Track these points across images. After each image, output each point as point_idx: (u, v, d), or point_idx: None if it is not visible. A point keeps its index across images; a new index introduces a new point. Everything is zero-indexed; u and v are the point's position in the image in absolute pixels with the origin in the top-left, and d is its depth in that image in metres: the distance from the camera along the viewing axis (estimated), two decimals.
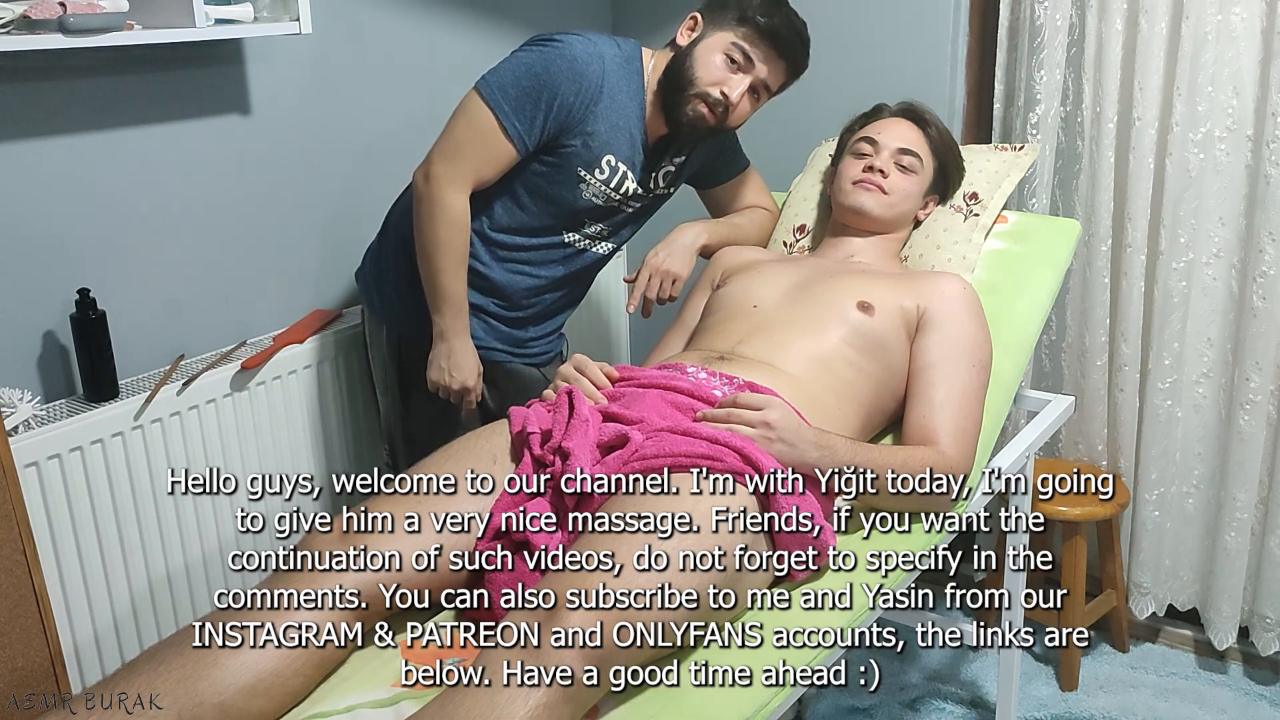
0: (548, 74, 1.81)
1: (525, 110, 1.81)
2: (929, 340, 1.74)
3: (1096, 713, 2.33)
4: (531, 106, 1.81)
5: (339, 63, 2.28)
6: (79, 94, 1.89)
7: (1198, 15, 2.14)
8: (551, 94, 1.81)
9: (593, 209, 1.96)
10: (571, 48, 1.83)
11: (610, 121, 1.87)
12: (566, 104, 1.82)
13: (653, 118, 1.92)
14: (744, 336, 1.73)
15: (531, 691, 1.09)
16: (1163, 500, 2.42)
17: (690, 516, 1.30)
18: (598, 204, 1.95)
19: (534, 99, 1.81)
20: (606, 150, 1.89)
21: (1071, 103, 2.35)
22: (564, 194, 1.92)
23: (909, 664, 2.51)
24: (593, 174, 1.90)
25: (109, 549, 1.92)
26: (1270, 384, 2.26)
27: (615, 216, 2.01)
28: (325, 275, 2.37)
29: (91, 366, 1.90)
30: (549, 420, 1.51)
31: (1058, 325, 2.48)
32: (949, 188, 2.02)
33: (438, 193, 1.84)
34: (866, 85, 2.31)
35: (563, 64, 1.81)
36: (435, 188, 1.85)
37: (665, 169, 2.01)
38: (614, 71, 1.86)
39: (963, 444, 1.63)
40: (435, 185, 1.85)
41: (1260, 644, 2.38)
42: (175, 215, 2.06)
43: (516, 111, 1.81)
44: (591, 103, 1.84)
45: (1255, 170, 2.20)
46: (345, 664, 1.30)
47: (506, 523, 1.38)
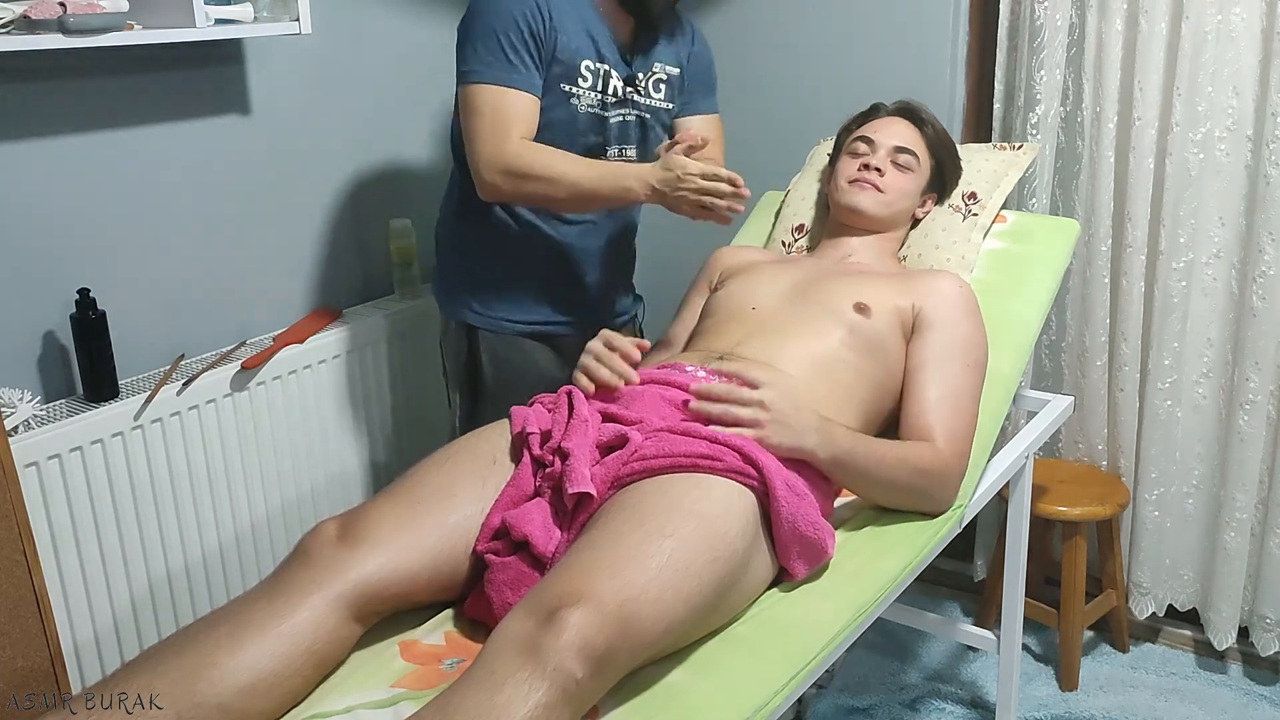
0: (496, 16, 1.80)
1: (506, 60, 1.80)
2: (924, 339, 1.74)
3: (1096, 713, 2.32)
4: (509, 52, 1.80)
5: (339, 63, 2.28)
6: (79, 94, 1.89)
7: (1198, 15, 2.14)
8: (508, 28, 1.79)
9: (597, 124, 1.93)
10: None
11: (569, 28, 1.85)
12: (530, 28, 1.81)
13: (610, 10, 1.90)
14: (742, 338, 1.73)
15: (531, 691, 1.09)
16: (1163, 500, 2.42)
17: (690, 516, 1.30)
18: (597, 115, 1.92)
19: (504, 46, 1.80)
20: (578, 56, 1.87)
21: (1071, 103, 2.35)
22: (562, 118, 1.89)
23: (909, 664, 2.51)
24: (576, 85, 1.88)
25: (109, 549, 1.92)
26: (1270, 384, 2.25)
27: (626, 130, 1.97)
28: (325, 275, 2.37)
29: (91, 366, 1.90)
30: (549, 420, 1.51)
31: (1058, 325, 2.48)
32: (946, 186, 2.02)
33: (502, 159, 1.79)
34: (866, 85, 2.32)
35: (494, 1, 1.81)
36: (497, 161, 1.80)
37: (655, 76, 1.98)
38: None
39: (957, 443, 1.63)
40: (496, 160, 1.80)
41: (1260, 644, 2.38)
42: (175, 215, 2.07)
43: (503, 67, 1.80)
44: (546, 15, 1.82)
45: (1255, 170, 2.20)
46: (344, 664, 1.30)
47: (506, 523, 1.38)
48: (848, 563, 1.50)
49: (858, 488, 1.60)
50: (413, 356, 2.45)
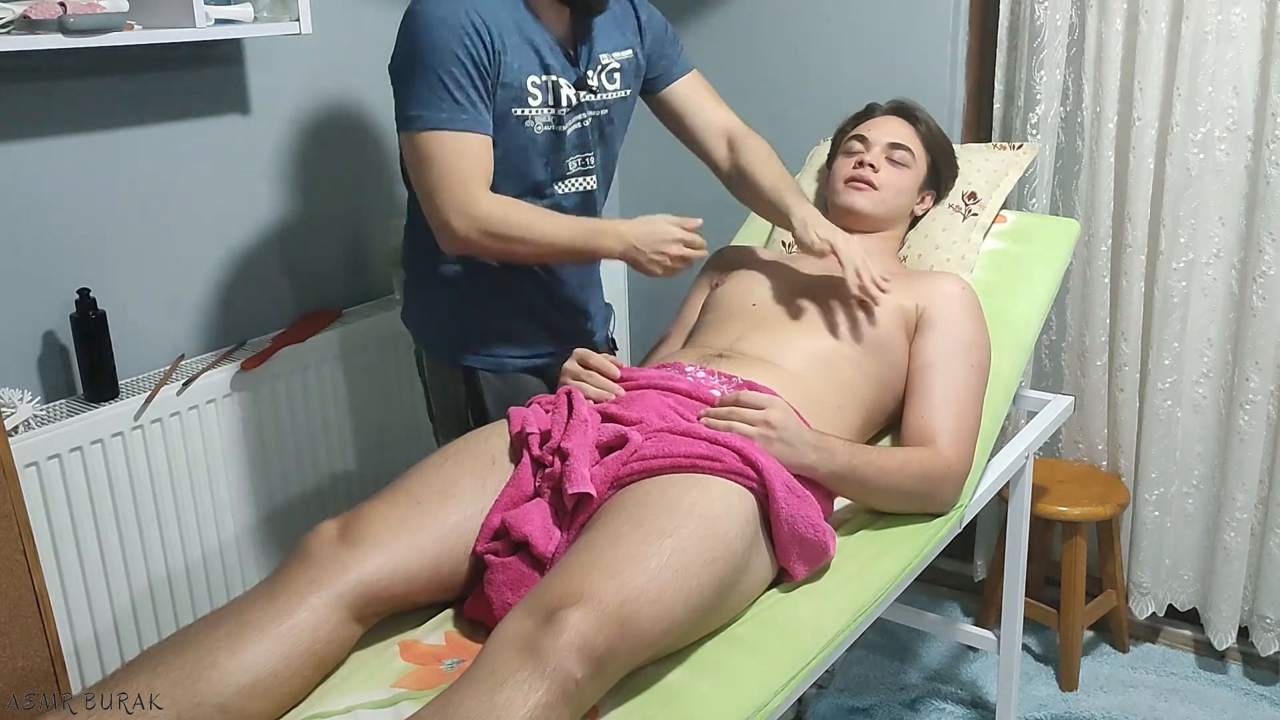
0: (433, 54, 1.64)
1: (452, 100, 1.66)
2: (927, 340, 1.74)
3: (1096, 713, 2.32)
4: (454, 91, 1.65)
5: (339, 63, 2.28)
6: (79, 94, 1.89)
7: (1198, 15, 2.14)
8: (449, 65, 1.64)
9: (553, 140, 1.79)
10: (422, 12, 1.67)
11: (510, 42, 1.70)
12: (473, 56, 1.65)
13: (544, 10, 1.75)
14: (742, 334, 1.73)
15: (531, 691, 1.09)
16: (1163, 500, 2.42)
17: (690, 517, 1.30)
18: (553, 131, 1.78)
19: (448, 85, 1.65)
20: (523, 74, 1.72)
21: (1071, 103, 2.35)
22: (518, 144, 1.76)
23: (909, 664, 2.51)
24: (526, 106, 1.74)
25: (109, 549, 1.92)
26: (1270, 384, 2.26)
27: (583, 136, 1.84)
28: (325, 275, 2.37)
29: (91, 366, 1.90)
30: (548, 421, 1.51)
31: (1058, 325, 2.48)
32: (943, 183, 2.02)
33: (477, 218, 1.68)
34: (866, 85, 2.32)
35: (427, 35, 1.65)
36: (470, 219, 1.68)
37: (607, 67, 1.84)
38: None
39: (961, 444, 1.63)
40: (467, 217, 1.68)
41: (1260, 644, 2.38)
42: (175, 215, 2.07)
43: (450, 108, 1.66)
44: (485, 35, 1.66)
45: (1255, 170, 2.20)
46: (344, 664, 1.30)
47: (506, 523, 1.38)
48: (848, 563, 1.50)
49: (861, 498, 1.60)
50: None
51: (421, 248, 1.86)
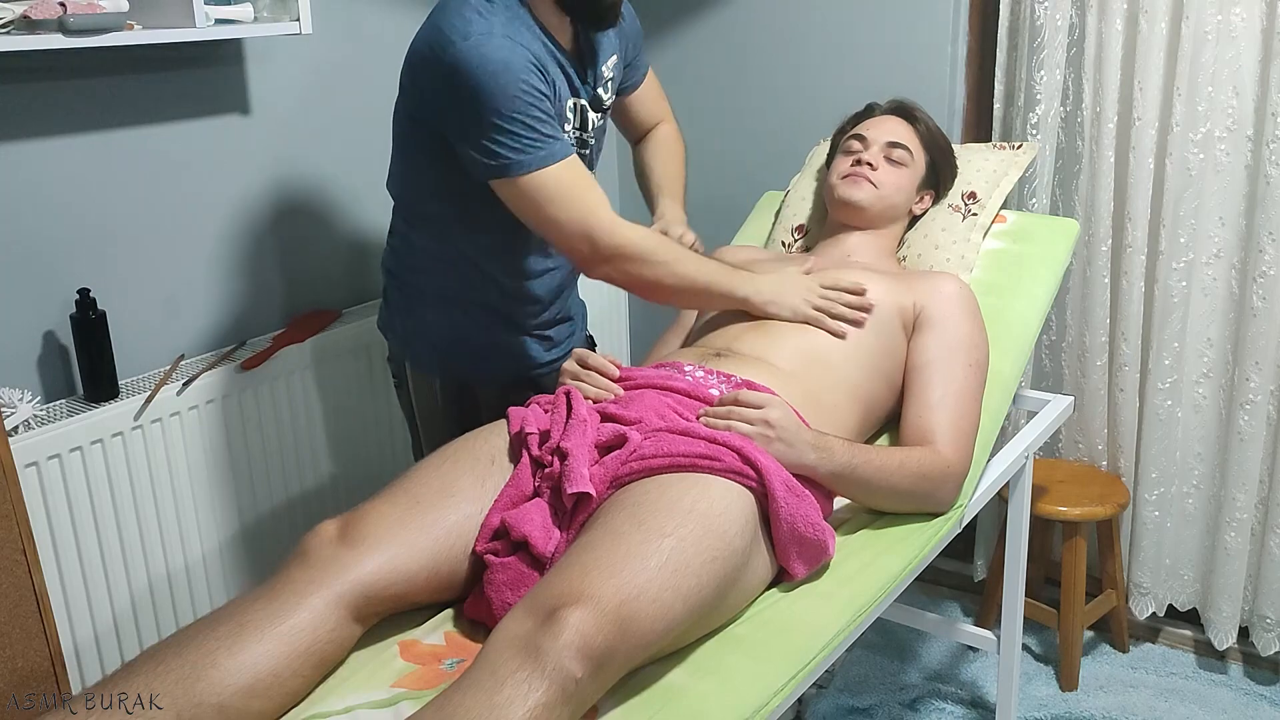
0: (504, 101, 1.59)
1: (540, 135, 1.62)
2: (926, 339, 1.74)
3: (1096, 713, 2.32)
4: (538, 125, 1.62)
5: (339, 63, 2.28)
6: (79, 94, 1.89)
7: (1198, 15, 2.14)
8: (522, 109, 1.60)
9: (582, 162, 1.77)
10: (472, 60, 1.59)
11: (550, 67, 1.68)
12: (538, 89, 1.63)
13: (555, 27, 1.71)
14: (740, 333, 1.73)
15: (531, 691, 1.09)
16: (1163, 500, 2.42)
17: (689, 516, 1.30)
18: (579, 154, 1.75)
19: (530, 123, 1.62)
20: (563, 99, 1.72)
21: (1071, 103, 2.35)
22: None
23: (909, 664, 2.51)
24: (564, 130, 1.74)
25: (109, 549, 1.92)
26: (1270, 384, 2.26)
27: (592, 156, 1.86)
28: (325, 275, 2.37)
29: (91, 366, 1.90)
30: (547, 420, 1.51)
31: (1058, 325, 2.48)
32: (941, 183, 2.02)
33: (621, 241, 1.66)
34: (866, 85, 2.32)
35: (492, 81, 1.59)
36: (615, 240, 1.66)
37: (608, 78, 1.84)
38: (506, 24, 1.63)
39: (960, 443, 1.63)
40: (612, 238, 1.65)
41: (1260, 644, 2.38)
42: (175, 215, 2.07)
43: (543, 142, 1.63)
44: (538, 66, 1.64)
45: (1255, 170, 2.20)
46: (344, 664, 1.30)
47: (505, 523, 1.38)
48: (847, 563, 1.50)
49: (860, 497, 1.60)
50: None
51: (409, 264, 1.86)
